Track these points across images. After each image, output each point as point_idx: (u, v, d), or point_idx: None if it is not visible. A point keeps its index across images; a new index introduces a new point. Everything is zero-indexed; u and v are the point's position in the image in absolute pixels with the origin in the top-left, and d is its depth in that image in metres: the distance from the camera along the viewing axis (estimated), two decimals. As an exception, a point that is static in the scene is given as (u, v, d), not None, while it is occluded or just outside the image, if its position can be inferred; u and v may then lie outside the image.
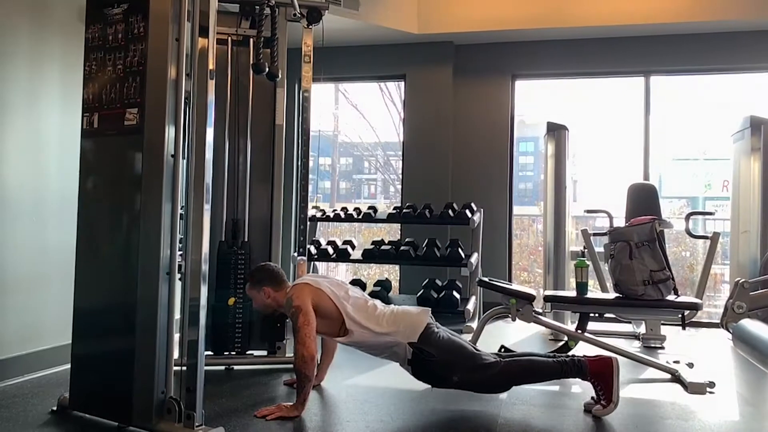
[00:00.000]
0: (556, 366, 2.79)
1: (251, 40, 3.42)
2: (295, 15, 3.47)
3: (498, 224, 5.68)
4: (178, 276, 2.42)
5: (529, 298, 3.61)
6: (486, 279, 3.79)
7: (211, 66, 2.40)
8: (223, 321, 3.50)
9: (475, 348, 2.94)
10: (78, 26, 2.50)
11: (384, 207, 6.19)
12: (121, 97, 2.43)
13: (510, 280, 5.74)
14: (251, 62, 2.71)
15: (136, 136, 2.38)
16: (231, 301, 3.48)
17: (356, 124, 8.55)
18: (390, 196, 10.14)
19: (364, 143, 9.25)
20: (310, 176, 3.86)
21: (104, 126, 2.48)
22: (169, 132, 2.36)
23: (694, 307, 3.40)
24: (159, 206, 2.37)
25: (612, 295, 3.61)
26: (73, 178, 2.62)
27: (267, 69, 2.54)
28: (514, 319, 3.65)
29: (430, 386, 2.99)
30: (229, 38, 3.56)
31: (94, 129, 2.51)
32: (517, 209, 5.95)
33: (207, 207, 2.33)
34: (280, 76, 2.70)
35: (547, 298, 3.62)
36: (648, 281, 3.42)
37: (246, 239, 3.59)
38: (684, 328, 3.55)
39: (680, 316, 3.46)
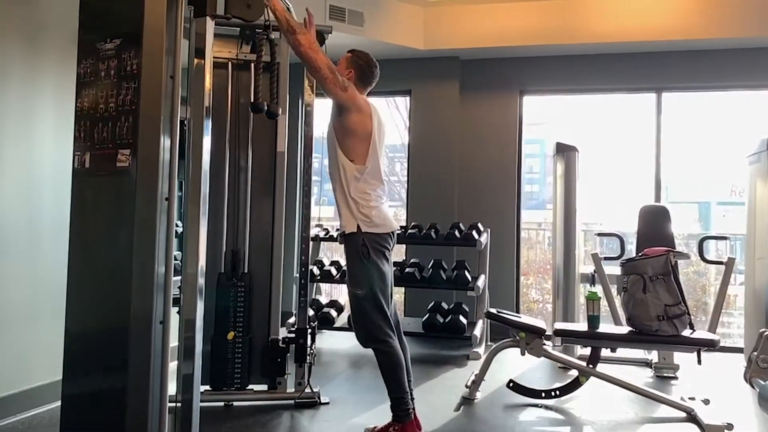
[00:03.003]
0: (404, 389, 2.83)
1: (251, 68, 3.31)
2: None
3: (505, 244, 5.56)
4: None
5: (539, 332, 3.49)
6: (494, 311, 3.66)
7: (206, 103, 2.31)
8: (222, 355, 3.39)
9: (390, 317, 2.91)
10: (73, 53, 2.39)
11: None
12: (113, 137, 2.31)
13: (518, 302, 5.62)
14: (250, 102, 2.59)
15: (129, 179, 2.26)
16: (230, 335, 3.37)
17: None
18: (395, 198, 10.02)
19: None
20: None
21: (96, 166, 2.36)
22: (163, 175, 2.24)
23: (711, 344, 3.27)
24: (152, 252, 2.25)
25: (625, 329, 3.48)
26: (67, 212, 2.51)
27: (266, 108, 2.43)
28: (523, 353, 3.53)
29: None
30: (230, 62, 3.46)
31: (85, 169, 2.39)
32: (524, 213, 5.79)
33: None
34: (280, 113, 2.58)
35: (557, 332, 3.50)
36: (663, 316, 3.30)
37: (246, 270, 3.48)
38: (700, 364, 3.41)
39: (696, 352, 3.33)
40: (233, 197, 3.51)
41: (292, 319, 5.18)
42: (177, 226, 2.44)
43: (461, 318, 4.77)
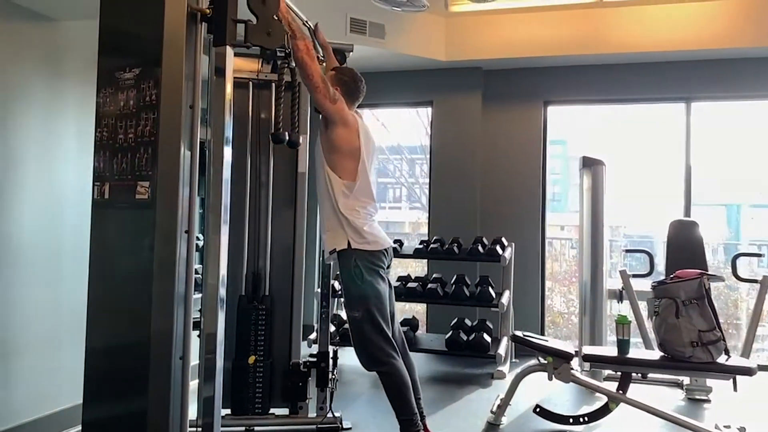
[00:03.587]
0: (412, 410, 2.75)
1: (272, 87, 3.27)
2: (318, 58, 3.32)
3: (529, 258, 5.45)
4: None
5: (567, 357, 3.39)
6: (520, 334, 3.57)
7: (227, 133, 2.26)
8: (243, 379, 3.35)
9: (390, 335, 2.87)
10: (94, 76, 2.37)
11: (408, 219, 5.98)
12: (132, 168, 2.27)
13: (543, 319, 5.51)
14: (270, 132, 2.54)
15: (148, 212, 2.22)
16: (251, 359, 3.33)
17: (380, 128, 8.31)
18: (415, 199, 9.97)
19: (389, 147, 9.08)
20: None
21: (115, 197, 2.33)
22: (183, 208, 2.20)
23: (748, 373, 3.14)
24: (172, 287, 2.22)
25: (656, 354, 3.36)
26: (88, 238, 2.49)
27: (287, 138, 2.37)
28: (550, 378, 3.43)
29: None
30: (251, 82, 3.42)
31: (105, 199, 2.36)
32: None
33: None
34: (301, 143, 2.52)
35: (586, 358, 3.39)
36: (697, 342, 3.18)
37: (267, 292, 3.43)
38: (735, 391, 3.28)
39: (732, 380, 3.20)
40: (254, 217, 3.46)
41: (313, 335, 5.14)
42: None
43: (485, 336, 4.67)
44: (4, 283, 3.03)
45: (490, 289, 4.77)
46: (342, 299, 2.89)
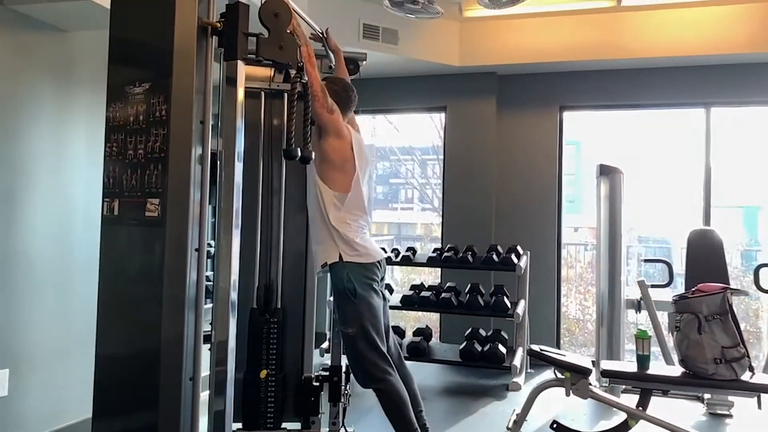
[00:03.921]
0: (412, 427, 2.71)
1: (284, 96, 3.22)
2: (331, 68, 3.27)
3: (545, 267, 5.36)
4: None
5: (585, 373, 3.30)
6: (536, 348, 3.48)
7: (239, 148, 2.22)
8: (255, 393, 3.30)
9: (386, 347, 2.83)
10: (103, 87, 2.33)
11: (420, 221, 5.93)
12: (142, 185, 2.23)
13: (558, 330, 5.42)
14: (282, 148, 2.50)
15: (158, 229, 2.18)
16: (263, 373, 3.27)
17: (391, 129, 8.26)
18: (427, 201, 9.90)
19: (401, 147, 9.03)
20: None
21: (125, 214, 2.29)
22: (193, 226, 2.16)
23: (774, 391, 3.04)
24: (182, 304, 2.17)
25: (678, 370, 3.27)
26: (98, 251, 2.45)
27: (300, 154, 2.32)
28: (568, 394, 3.34)
29: None
30: (263, 92, 3.37)
31: (114, 216, 2.32)
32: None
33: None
34: (313, 158, 2.47)
35: (605, 373, 3.30)
36: (720, 359, 3.08)
37: (279, 305, 3.38)
38: (760, 408, 3.19)
39: (756, 397, 3.11)
40: (266, 225, 3.40)
41: (325, 344, 5.10)
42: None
43: (500, 347, 4.60)
44: (14, 294, 3.01)
45: (505, 298, 4.70)
46: (335, 315, 2.84)
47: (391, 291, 5.13)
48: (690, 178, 5.30)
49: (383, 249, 3.27)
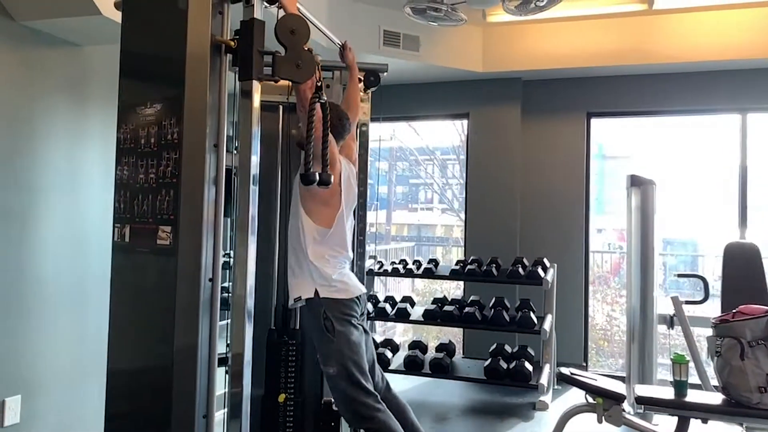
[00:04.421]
0: None
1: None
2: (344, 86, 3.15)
3: (572, 279, 5.19)
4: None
5: (619, 399, 3.14)
6: (567, 372, 3.32)
7: (254, 171, 2.11)
8: (273, 418, 3.19)
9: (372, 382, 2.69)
10: (115, 102, 2.24)
11: (440, 222, 5.74)
12: (153, 211, 2.13)
13: (586, 346, 5.23)
14: (300, 172, 2.38)
15: (170, 259, 2.07)
16: (281, 397, 3.16)
17: (411, 131, 8.14)
18: (446, 202, 9.75)
19: (420, 148, 8.92)
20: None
21: (136, 241, 2.19)
22: (207, 255, 2.05)
23: (824, 422, 2.85)
24: (195, 335, 2.06)
25: (718, 397, 3.09)
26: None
27: (318, 178, 2.21)
28: (600, 421, 3.18)
29: None
30: (281, 106, 3.27)
31: (125, 243, 2.22)
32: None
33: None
34: (332, 181, 2.35)
35: (640, 400, 3.13)
36: (765, 388, 2.89)
37: (297, 326, 3.26)
38: (807, 438, 3.00)
39: (804, 428, 2.92)
40: (284, 245, 3.29)
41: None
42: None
43: (526, 364, 4.43)
44: (27, 318, 2.94)
45: (532, 314, 4.53)
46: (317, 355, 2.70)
47: (412, 304, 5.00)
48: (720, 182, 5.08)
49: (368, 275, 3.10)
